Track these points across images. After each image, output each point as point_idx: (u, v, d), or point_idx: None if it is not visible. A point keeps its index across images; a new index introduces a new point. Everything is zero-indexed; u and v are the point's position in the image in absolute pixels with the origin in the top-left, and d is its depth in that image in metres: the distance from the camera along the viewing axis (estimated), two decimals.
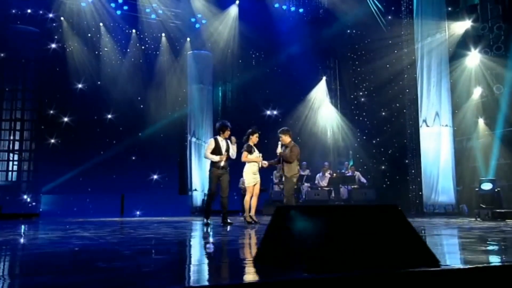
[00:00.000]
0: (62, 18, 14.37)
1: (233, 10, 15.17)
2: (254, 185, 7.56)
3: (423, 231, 5.88)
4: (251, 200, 7.62)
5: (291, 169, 7.50)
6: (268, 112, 15.39)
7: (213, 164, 7.29)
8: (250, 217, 7.56)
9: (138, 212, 13.68)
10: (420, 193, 11.87)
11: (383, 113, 14.35)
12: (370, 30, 14.03)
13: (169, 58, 15.95)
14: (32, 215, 11.83)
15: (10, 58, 13.14)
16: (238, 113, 14.75)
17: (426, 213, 11.23)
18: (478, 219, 8.80)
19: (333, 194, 13.28)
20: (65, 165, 13.35)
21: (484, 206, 8.91)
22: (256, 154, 7.60)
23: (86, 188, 13.58)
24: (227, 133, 7.44)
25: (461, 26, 11.80)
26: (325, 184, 13.05)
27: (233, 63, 15.43)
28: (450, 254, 3.52)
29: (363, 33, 14.67)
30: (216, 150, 7.30)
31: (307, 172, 13.63)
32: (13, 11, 13.41)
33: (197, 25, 16.02)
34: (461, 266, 2.40)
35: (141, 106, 15.17)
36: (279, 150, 7.62)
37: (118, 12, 15.09)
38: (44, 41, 14.03)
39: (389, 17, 13.79)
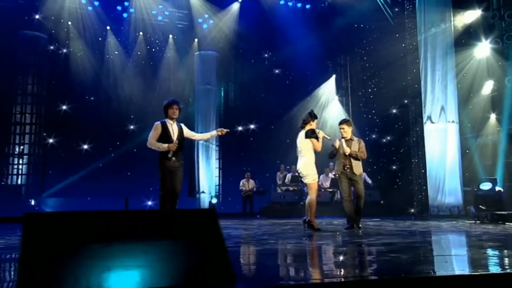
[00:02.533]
0: (69, 23, 14.65)
1: (235, 8, 14.93)
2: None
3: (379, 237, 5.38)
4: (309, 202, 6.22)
5: (360, 166, 6.55)
6: (273, 111, 15.00)
7: (163, 155, 5.66)
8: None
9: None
10: (425, 193, 11.15)
11: (394, 110, 13.68)
12: (378, 24, 13.42)
13: (176, 59, 15.93)
14: None
15: (19, 63, 13.49)
16: (242, 113, 14.51)
17: (430, 216, 10.52)
18: (478, 221, 8.10)
19: (337, 195, 12.78)
20: (69, 168, 13.55)
21: (483, 208, 8.19)
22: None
23: (90, 191, 13.67)
24: (172, 111, 5.74)
25: (469, 15, 11.02)
26: (328, 185, 12.55)
27: (237, 62, 15.20)
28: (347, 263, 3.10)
29: (372, 27, 14.07)
30: (163, 137, 5.64)
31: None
32: (25, 17, 13.78)
33: (205, 26, 15.94)
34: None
35: (148, 107, 15.18)
36: (338, 144, 6.57)
37: (125, 15, 15.23)
38: (53, 46, 14.35)
39: (396, 9, 13.11)
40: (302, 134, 6.33)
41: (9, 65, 13.25)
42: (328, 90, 15.42)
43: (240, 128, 15.30)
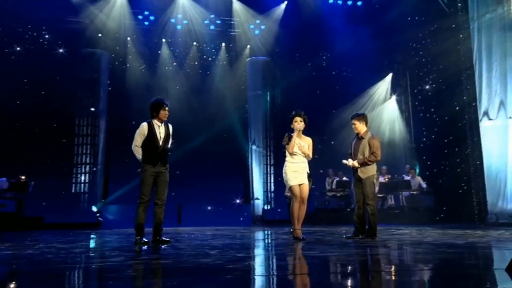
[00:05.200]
0: (128, 39, 15.51)
1: (280, 9, 14.68)
2: (300, 185, 5.71)
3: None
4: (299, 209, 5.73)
5: (369, 168, 5.89)
6: (321, 114, 14.45)
7: (145, 160, 5.29)
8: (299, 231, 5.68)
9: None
10: (483, 199, 9.91)
11: (456, 108, 12.45)
12: (433, 15, 12.36)
13: (229, 67, 16.12)
14: (93, 224, 12.63)
15: (81, 78, 14.52)
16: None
17: (488, 224, 9.33)
18: None
19: (391, 201, 11.94)
20: (128, 176, 14.17)
21: None
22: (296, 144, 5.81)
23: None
24: (164, 113, 5.38)
25: None
26: (376, 191, 11.74)
27: (286, 66, 14.92)
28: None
29: (429, 18, 12.98)
30: (149, 140, 5.28)
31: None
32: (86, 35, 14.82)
33: (256, 32, 15.93)
34: None
35: (203, 115, 15.47)
36: (347, 162, 6.06)
37: (179, 27, 15.73)
38: (112, 61, 15.26)
39: None
40: None
41: (71, 80, 14.32)
42: (383, 89, 14.53)
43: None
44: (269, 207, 14.78)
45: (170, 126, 5.60)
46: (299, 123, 5.86)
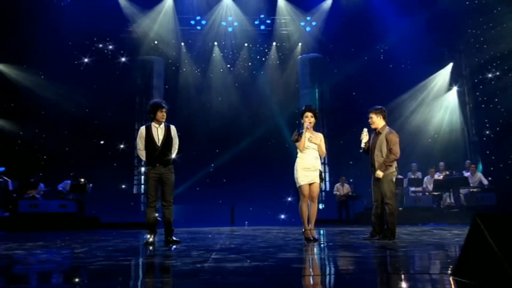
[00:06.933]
0: (182, 44, 16.04)
1: (327, 4, 14.30)
2: (311, 184, 5.43)
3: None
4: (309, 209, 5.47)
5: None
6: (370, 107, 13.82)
7: (146, 162, 5.37)
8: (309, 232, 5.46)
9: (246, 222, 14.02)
10: None
11: None
12: None
13: (280, 66, 16.07)
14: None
15: (138, 84, 15.26)
16: (340, 113, 13.77)
17: None
18: None
19: (450, 199, 11.15)
20: (182, 177, 14.67)
21: None
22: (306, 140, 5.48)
23: (201, 198, 14.56)
24: (161, 114, 5.38)
25: None
26: (431, 188, 11.05)
27: (336, 61, 14.51)
28: None
29: (490, 0, 11.94)
30: (148, 141, 5.34)
31: (418, 174, 11.81)
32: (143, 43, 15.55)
33: (308, 29, 15.71)
34: None
35: (256, 114, 15.55)
36: (365, 138, 5.78)
37: (230, 29, 15.96)
38: (170, 66, 15.89)
39: None
40: None
41: (131, 87, 15.16)
42: (442, 80, 13.60)
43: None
44: (322, 206, 14.50)
45: (172, 127, 5.57)
46: (309, 119, 5.50)
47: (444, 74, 13.61)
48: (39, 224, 10.06)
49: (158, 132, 5.41)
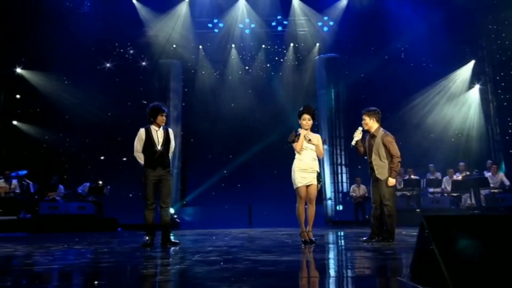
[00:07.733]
0: (200, 47, 16.20)
1: (343, 3, 14.13)
2: (308, 186, 5.43)
3: None
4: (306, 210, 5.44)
5: (386, 168, 5.56)
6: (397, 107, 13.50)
7: (145, 164, 5.45)
8: (306, 234, 5.40)
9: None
10: None
11: None
12: None
13: (298, 66, 16.02)
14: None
15: (157, 88, 15.53)
16: (359, 113, 13.52)
17: None
18: None
19: (471, 201, 10.81)
20: (202, 178, 14.84)
21: None
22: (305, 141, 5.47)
23: (219, 200, 14.66)
24: (161, 118, 5.52)
25: None
26: (449, 189, 10.75)
27: (354, 61, 14.29)
28: None
29: None
30: (147, 145, 5.44)
31: (437, 175, 11.52)
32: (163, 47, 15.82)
33: (325, 29, 15.59)
34: None
35: (273, 116, 15.53)
36: (357, 136, 5.72)
37: (247, 31, 16.01)
38: (189, 69, 16.08)
39: None
40: None
41: (151, 90, 15.39)
42: (463, 77, 13.20)
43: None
44: (341, 207, 14.34)
45: (171, 131, 5.70)
46: (307, 122, 5.49)
47: (465, 72, 13.20)
48: (59, 225, 10.42)
49: (158, 134, 5.51)
